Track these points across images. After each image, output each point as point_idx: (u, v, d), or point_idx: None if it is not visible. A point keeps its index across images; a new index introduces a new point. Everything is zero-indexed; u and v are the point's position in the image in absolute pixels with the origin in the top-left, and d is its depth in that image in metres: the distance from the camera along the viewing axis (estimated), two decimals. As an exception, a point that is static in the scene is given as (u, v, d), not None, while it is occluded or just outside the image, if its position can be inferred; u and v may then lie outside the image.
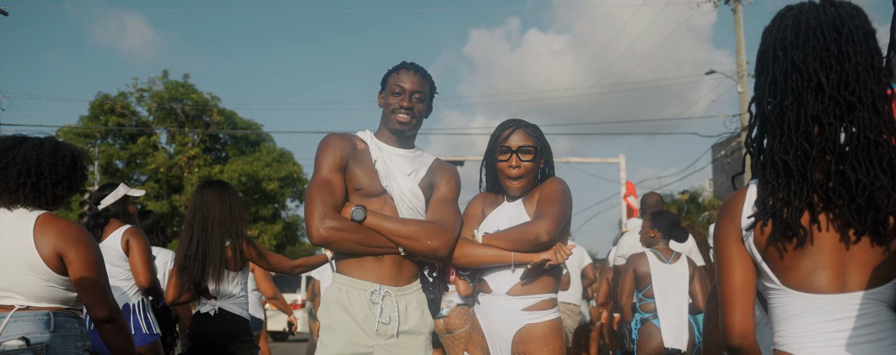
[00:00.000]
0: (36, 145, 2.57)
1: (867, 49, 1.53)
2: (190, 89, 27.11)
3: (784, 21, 1.60)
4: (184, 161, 26.30)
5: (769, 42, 1.61)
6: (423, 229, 2.56)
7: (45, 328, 2.49)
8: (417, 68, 2.75)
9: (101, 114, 26.69)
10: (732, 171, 24.89)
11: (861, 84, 1.51)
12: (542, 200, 2.68)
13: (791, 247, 1.53)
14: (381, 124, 2.78)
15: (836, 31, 1.54)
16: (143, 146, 26.65)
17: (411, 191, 2.64)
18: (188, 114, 27.09)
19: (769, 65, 1.60)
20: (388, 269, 2.58)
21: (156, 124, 27.35)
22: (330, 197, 2.53)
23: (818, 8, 1.58)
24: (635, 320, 4.83)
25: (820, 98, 1.53)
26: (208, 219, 3.68)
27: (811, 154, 1.53)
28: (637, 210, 7.71)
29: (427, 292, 2.70)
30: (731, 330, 1.59)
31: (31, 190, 2.51)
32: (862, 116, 1.51)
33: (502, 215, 2.75)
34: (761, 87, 1.62)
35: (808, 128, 1.54)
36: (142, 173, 27.05)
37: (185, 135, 26.83)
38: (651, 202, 6.16)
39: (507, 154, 2.74)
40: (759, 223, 1.55)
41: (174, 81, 27.10)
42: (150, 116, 27.60)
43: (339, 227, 2.49)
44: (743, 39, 17.40)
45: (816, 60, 1.53)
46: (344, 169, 2.62)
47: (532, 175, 2.77)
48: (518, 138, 2.76)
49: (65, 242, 2.48)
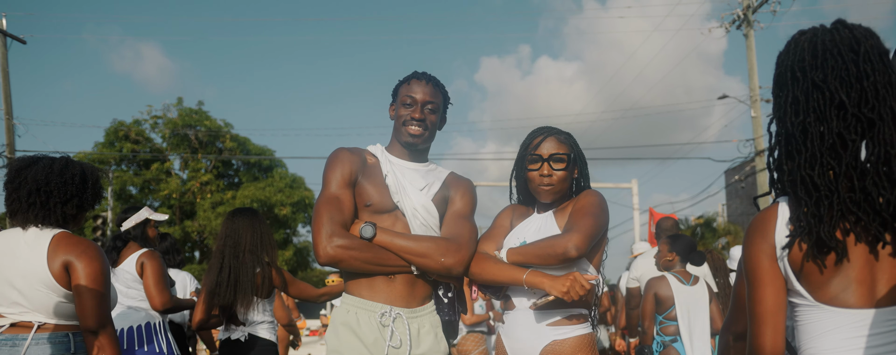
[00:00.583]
0: (46, 165, 2.60)
1: (883, 67, 1.57)
2: (203, 116, 27.34)
3: (800, 44, 1.64)
4: (196, 187, 26.44)
5: (787, 64, 1.65)
6: (437, 246, 2.42)
7: (65, 350, 2.51)
8: (430, 78, 2.62)
9: (115, 140, 26.94)
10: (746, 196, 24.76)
11: (881, 101, 1.55)
12: (575, 213, 2.47)
13: (828, 262, 1.55)
14: (393, 137, 2.65)
15: (852, 51, 1.58)
16: (157, 172, 26.84)
17: (424, 207, 2.51)
18: (201, 140, 27.29)
19: (789, 85, 1.63)
20: (399, 289, 2.44)
21: (169, 150, 27.55)
22: (338, 214, 2.41)
23: (832, 31, 1.62)
24: (656, 343, 4.80)
25: (842, 116, 1.56)
26: (239, 246, 3.72)
27: (838, 170, 1.55)
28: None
29: (442, 314, 2.54)
30: (763, 351, 1.58)
31: (40, 208, 2.54)
32: (882, 133, 1.54)
33: (530, 227, 2.56)
34: (782, 106, 1.65)
35: (834, 144, 1.57)
36: (155, 199, 27.18)
37: (198, 162, 26.99)
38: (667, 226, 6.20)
39: (538, 163, 2.55)
40: (797, 239, 1.56)
41: (188, 108, 27.36)
42: (164, 143, 27.83)
43: (347, 246, 2.36)
44: (755, 64, 17.38)
45: (836, 79, 1.56)
46: (353, 184, 2.49)
47: (565, 184, 2.57)
48: (550, 146, 2.56)
49: (72, 254, 2.51)
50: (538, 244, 2.41)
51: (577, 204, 2.52)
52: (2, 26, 17.27)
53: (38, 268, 2.48)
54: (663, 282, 4.75)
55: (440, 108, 2.62)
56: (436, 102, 2.59)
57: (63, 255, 2.50)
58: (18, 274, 2.48)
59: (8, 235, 2.57)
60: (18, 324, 2.49)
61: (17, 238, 2.54)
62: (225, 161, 28.12)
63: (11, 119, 17.45)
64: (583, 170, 2.67)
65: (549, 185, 2.53)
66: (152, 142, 27.99)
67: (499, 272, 2.42)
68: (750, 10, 17.43)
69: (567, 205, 2.58)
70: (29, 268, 2.48)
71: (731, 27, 17.94)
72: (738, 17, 17.68)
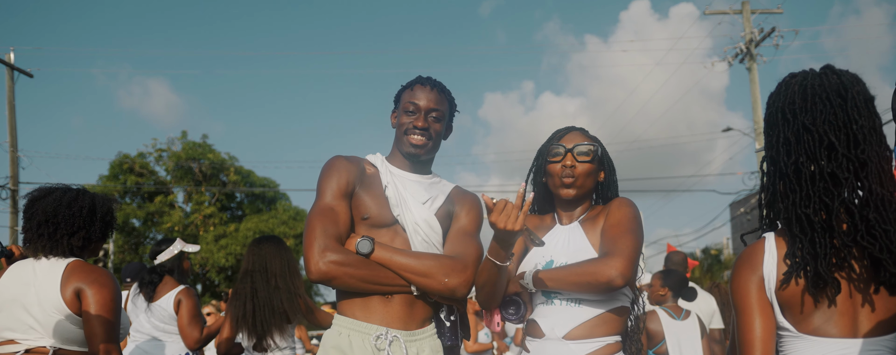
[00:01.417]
0: (57, 196, 2.65)
1: (869, 113, 1.65)
2: (207, 149, 27.45)
3: (790, 87, 1.71)
4: (199, 219, 26.40)
5: (777, 106, 1.71)
6: (440, 265, 2.21)
7: None
8: (434, 83, 2.41)
9: (120, 173, 26.99)
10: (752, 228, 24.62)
11: (868, 144, 1.62)
12: (612, 228, 2.20)
13: (822, 296, 1.61)
14: (394, 147, 2.45)
15: (840, 97, 1.65)
16: (160, 205, 26.84)
17: (426, 222, 2.30)
18: (205, 173, 27.33)
19: (780, 126, 1.70)
20: (397, 310, 2.23)
21: (173, 183, 27.58)
22: (333, 226, 2.20)
23: (821, 75, 1.70)
24: None
25: (833, 156, 1.63)
26: (268, 273, 3.75)
27: (832, 208, 1.62)
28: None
29: (443, 338, 2.32)
30: None
31: (48, 239, 2.59)
32: (873, 173, 1.61)
33: (556, 242, 2.29)
34: (774, 146, 1.72)
35: (826, 183, 1.63)
36: (158, 231, 27.14)
37: (202, 194, 26.99)
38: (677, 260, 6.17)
39: (561, 154, 2.31)
40: (791, 275, 1.62)
41: (192, 141, 27.47)
42: (168, 175, 27.87)
43: (341, 261, 2.15)
44: (759, 97, 17.42)
45: (825, 123, 1.63)
46: (350, 195, 2.29)
47: (589, 182, 2.32)
48: (575, 137, 2.34)
49: (85, 281, 2.55)
50: (574, 270, 2.14)
51: (610, 216, 2.25)
52: (9, 60, 17.42)
53: (52, 296, 2.53)
54: (653, 317, 4.75)
55: (446, 116, 2.43)
56: (441, 110, 2.39)
57: (75, 282, 2.55)
58: (34, 301, 2.54)
59: (24, 264, 2.62)
60: (33, 350, 2.52)
61: (32, 266, 2.60)
62: (228, 194, 28.12)
63: (16, 151, 17.50)
64: (611, 176, 2.42)
65: (571, 178, 2.28)
66: (156, 174, 28.05)
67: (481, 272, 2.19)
68: (752, 44, 17.53)
69: (597, 216, 2.31)
70: (44, 296, 2.53)
71: (734, 61, 18.04)
72: (740, 50, 17.78)
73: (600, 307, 2.19)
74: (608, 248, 2.15)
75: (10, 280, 2.60)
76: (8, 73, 17.45)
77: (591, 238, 2.25)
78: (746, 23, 17.78)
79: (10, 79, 17.48)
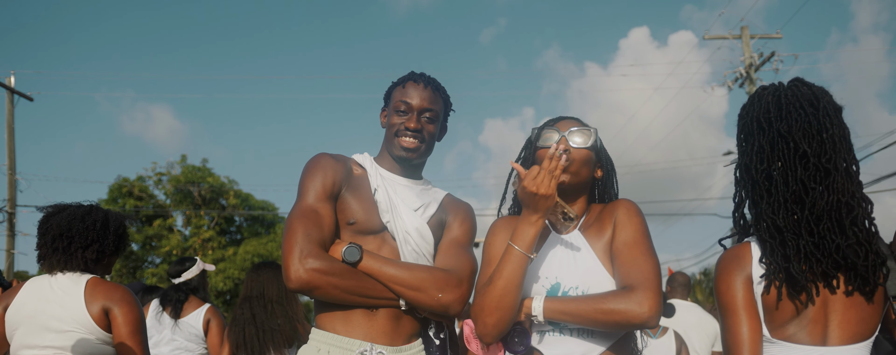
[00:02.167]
0: (71, 211, 2.70)
1: (839, 122, 1.72)
2: (207, 173, 27.41)
3: (764, 98, 1.77)
4: (198, 243, 26.27)
5: (752, 115, 1.77)
6: (434, 279, 2.02)
7: None
8: (428, 80, 2.23)
9: (119, 197, 26.93)
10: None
11: (837, 153, 1.68)
12: (628, 249, 1.92)
13: (797, 301, 1.64)
14: (383, 148, 2.27)
15: (812, 106, 1.71)
16: (159, 228, 26.72)
17: (418, 230, 2.11)
18: (205, 197, 27.27)
19: (755, 135, 1.75)
20: (381, 324, 2.04)
21: (172, 207, 27.51)
22: (316, 230, 2.00)
23: (793, 86, 1.77)
24: None
25: (806, 165, 1.68)
26: (265, 299, 3.78)
27: (801, 216, 1.67)
28: None
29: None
30: None
31: (62, 253, 2.62)
32: (836, 182, 1.66)
33: (558, 258, 1.99)
34: (748, 154, 1.76)
35: (797, 191, 1.68)
36: (156, 255, 26.99)
37: (201, 218, 26.91)
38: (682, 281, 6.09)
39: (553, 140, 2.03)
40: (771, 278, 1.66)
41: (192, 165, 27.46)
42: (167, 199, 27.81)
43: (324, 270, 1.94)
44: (758, 121, 17.41)
45: (800, 131, 1.69)
46: (335, 197, 2.10)
47: (587, 171, 2.05)
48: (570, 123, 2.08)
49: (111, 300, 2.59)
50: (599, 307, 1.84)
51: (621, 229, 1.97)
52: (10, 84, 17.45)
53: (76, 312, 2.55)
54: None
55: (440, 117, 2.24)
56: (435, 110, 2.21)
57: (102, 300, 2.59)
58: (53, 317, 2.55)
59: (39, 281, 2.65)
60: None
61: (49, 283, 2.62)
62: (227, 217, 28.03)
63: (14, 174, 17.45)
64: (610, 174, 2.18)
65: (566, 163, 1.96)
66: (155, 198, 27.97)
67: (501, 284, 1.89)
68: (752, 68, 17.56)
69: (601, 222, 2.04)
70: (65, 312, 2.55)
71: (734, 85, 18.06)
72: (740, 75, 17.81)
73: (613, 337, 1.95)
74: (631, 279, 1.87)
75: (27, 296, 2.61)
76: (8, 97, 17.47)
77: (599, 252, 1.98)
78: (746, 47, 17.83)
79: (9, 102, 17.50)
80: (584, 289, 1.93)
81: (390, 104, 2.25)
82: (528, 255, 1.90)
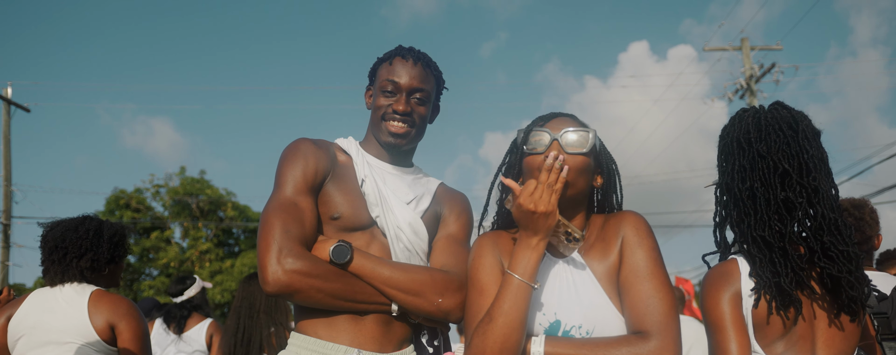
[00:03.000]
0: (66, 224, 2.74)
1: (817, 145, 1.77)
2: (205, 185, 27.32)
3: (744, 119, 1.81)
4: (196, 255, 26.12)
5: (733, 136, 1.81)
6: (433, 280, 1.81)
7: None
8: (418, 56, 1.99)
9: (116, 209, 26.80)
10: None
11: (819, 172, 1.72)
12: (640, 282, 1.65)
13: (787, 316, 1.66)
14: (369, 132, 2.05)
15: (791, 129, 1.75)
16: (156, 241, 26.58)
17: (411, 226, 1.90)
18: (203, 209, 27.15)
19: (735, 155, 1.79)
20: (369, 329, 1.83)
21: (170, 219, 27.38)
22: (296, 225, 1.78)
23: (773, 109, 1.80)
24: None
25: (788, 183, 1.72)
26: (254, 308, 3.80)
27: (785, 231, 1.70)
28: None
29: None
30: None
31: (59, 265, 2.67)
32: (825, 199, 1.70)
33: (558, 289, 1.72)
34: (729, 173, 1.80)
35: (780, 208, 1.72)
36: (153, 267, 26.84)
37: (199, 230, 26.77)
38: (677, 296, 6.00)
39: (544, 145, 1.74)
40: (761, 292, 1.67)
41: (190, 177, 27.37)
42: (165, 211, 27.69)
43: (306, 271, 1.72)
44: (759, 132, 17.35)
45: (779, 152, 1.73)
46: (317, 189, 1.88)
47: (584, 181, 1.75)
48: (563, 122, 1.78)
49: (117, 314, 2.62)
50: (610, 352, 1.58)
51: (630, 253, 1.70)
52: (7, 95, 17.39)
53: (79, 324, 2.58)
54: None
55: (431, 97, 2.01)
56: (426, 89, 1.98)
57: (107, 314, 2.61)
58: (55, 329, 2.58)
59: (44, 292, 2.68)
60: None
61: (52, 295, 2.65)
62: (226, 229, 27.90)
63: (10, 185, 17.36)
64: (613, 180, 1.88)
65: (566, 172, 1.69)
66: (153, 210, 27.85)
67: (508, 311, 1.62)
68: (752, 80, 17.51)
69: (606, 238, 1.77)
70: (68, 324, 2.58)
71: (734, 97, 17.99)
72: (740, 86, 17.75)
73: None
74: (646, 323, 1.60)
75: (31, 307, 2.64)
76: (4, 108, 17.41)
77: (604, 279, 1.71)
78: (746, 59, 17.78)
79: (6, 113, 17.43)
80: (588, 329, 1.66)
81: (376, 83, 2.02)
82: (531, 285, 1.64)
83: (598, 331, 1.65)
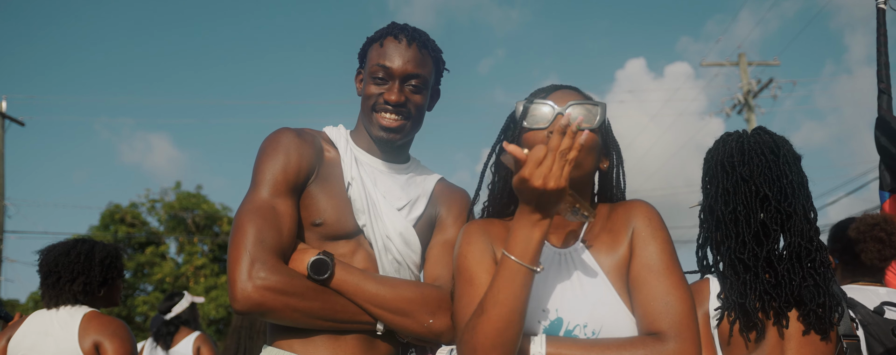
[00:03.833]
0: (59, 248, 2.78)
1: (798, 169, 1.81)
2: (201, 199, 27.19)
3: (728, 143, 1.85)
4: (191, 271, 25.93)
5: (717, 159, 1.85)
6: (423, 298, 1.61)
7: None
8: (413, 36, 1.73)
9: (111, 223, 26.64)
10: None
11: (796, 198, 1.76)
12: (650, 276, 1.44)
13: (751, 337, 1.69)
14: (359, 121, 1.81)
15: (773, 153, 1.80)
16: (151, 256, 26.41)
17: (401, 236, 1.70)
18: (198, 224, 26.99)
19: (719, 178, 1.83)
20: (350, 347, 1.64)
21: (166, 234, 27.22)
22: (272, 233, 1.57)
23: (755, 134, 1.85)
24: None
25: (766, 207, 1.76)
26: (254, 328, 3.79)
27: (761, 255, 1.75)
28: None
29: None
30: None
31: (52, 288, 2.72)
32: (797, 225, 1.75)
33: (560, 284, 1.48)
34: (712, 196, 1.84)
35: (758, 232, 1.76)
36: (148, 283, 26.64)
37: (194, 246, 26.60)
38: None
39: (547, 119, 1.49)
40: (726, 312, 1.70)
41: (186, 192, 27.25)
42: (161, 226, 27.54)
43: (281, 288, 1.52)
44: (757, 148, 17.31)
45: (760, 176, 1.77)
46: (299, 189, 1.67)
47: (591, 161, 1.52)
48: (567, 95, 1.54)
49: (103, 334, 2.65)
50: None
51: (642, 245, 1.48)
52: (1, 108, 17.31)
53: (70, 346, 2.63)
54: None
55: (429, 82, 1.76)
56: (423, 75, 1.73)
57: (94, 334, 2.65)
58: (51, 351, 2.64)
59: (42, 314, 2.75)
60: None
61: (48, 317, 2.71)
62: (221, 244, 27.74)
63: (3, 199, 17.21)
64: (619, 167, 1.66)
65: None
66: (148, 225, 27.70)
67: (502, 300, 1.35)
68: (750, 95, 17.49)
69: (613, 228, 1.54)
70: (62, 346, 2.63)
71: (732, 112, 17.98)
72: (738, 101, 17.73)
73: None
74: (661, 323, 1.40)
75: (28, 329, 2.71)
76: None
77: (612, 274, 1.49)
78: (743, 74, 17.78)
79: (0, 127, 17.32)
80: (594, 329, 1.44)
81: (366, 67, 1.78)
82: (532, 269, 1.35)
83: (605, 332, 1.43)
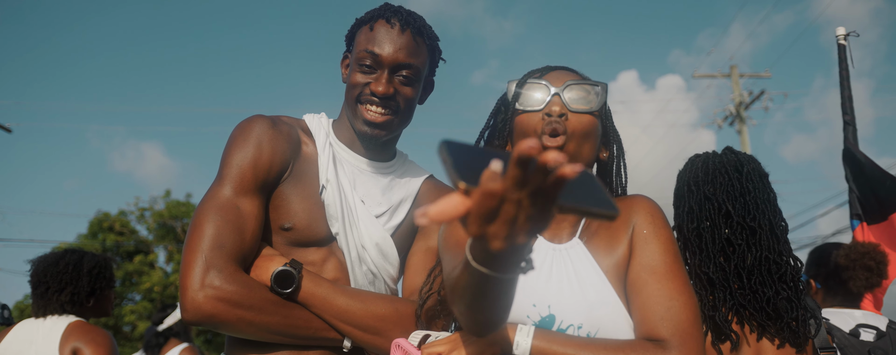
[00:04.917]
0: (47, 259, 2.82)
1: (763, 186, 1.87)
2: (191, 208, 27.02)
3: (695, 163, 1.94)
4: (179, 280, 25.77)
5: (684, 180, 1.94)
6: (397, 315, 1.45)
7: None
8: (407, 20, 1.54)
9: (99, 232, 26.42)
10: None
11: (760, 213, 1.82)
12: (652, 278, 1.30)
13: (724, 349, 1.73)
14: (343, 112, 1.62)
15: (737, 171, 1.87)
16: (140, 264, 26.18)
17: (378, 247, 1.54)
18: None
19: (685, 197, 1.91)
20: None
21: (155, 243, 27.01)
22: (233, 236, 1.39)
23: (721, 154, 1.93)
24: None
25: (730, 223, 1.82)
26: None
27: (728, 269, 1.79)
28: None
29: None
30: None
31: (41, 299, 2.74)
32: (762, 240, 1.80)
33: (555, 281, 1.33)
34: (681, 215, 1.91)
35: (724, 247, 1.82)
36: (136, 292, 26.40)
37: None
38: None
39: (542, 101, 1.36)
40: None
41: (176, 200, 27.08)
42: (150, 235, 27.33)
43: (235, 300, 1.35)
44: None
45: (723, 193, 1.84)
46: (270, 188, 1.48)
47: (590, 147, 1.39)
48: (564, 75, 1.41)
49: (82, 340, 2.66)
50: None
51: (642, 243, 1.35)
52: (-10, 113, 17.16)
53: (50, 353, 2.63)
54: None
55: (422, 73, 1.58)
56: (415, 65, 1.54)
57: (74, 341, 2.66)
58: None
59: (29, 323, 2.78)
60: None
61: (35, 326, 2.74)
62: (211, 254, 27.63)
63: (-10, 206, 17.05)
64: (620, 158, 1.50)
65: (561, 135, 1.34)
66: (137, 233, 27.48)
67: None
68: (742, 107, 17.54)
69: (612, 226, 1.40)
70: (43, 353, 2.64)
71: (724, 123, 18.02)
72: (730, 113, 17.78)
73: None
74: (663, 328, 1.25)
75: (14, 337, 2.73)
76: (-12, 127, 17.16)
77: (611, 273, 1.35)
78: (735, 85, 17.84)
79: (-11, 132, 17.17)
80: (589, 331, 1.31)
81: (353, 52, 1.59)
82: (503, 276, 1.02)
83: (602, 335, 1.31)
